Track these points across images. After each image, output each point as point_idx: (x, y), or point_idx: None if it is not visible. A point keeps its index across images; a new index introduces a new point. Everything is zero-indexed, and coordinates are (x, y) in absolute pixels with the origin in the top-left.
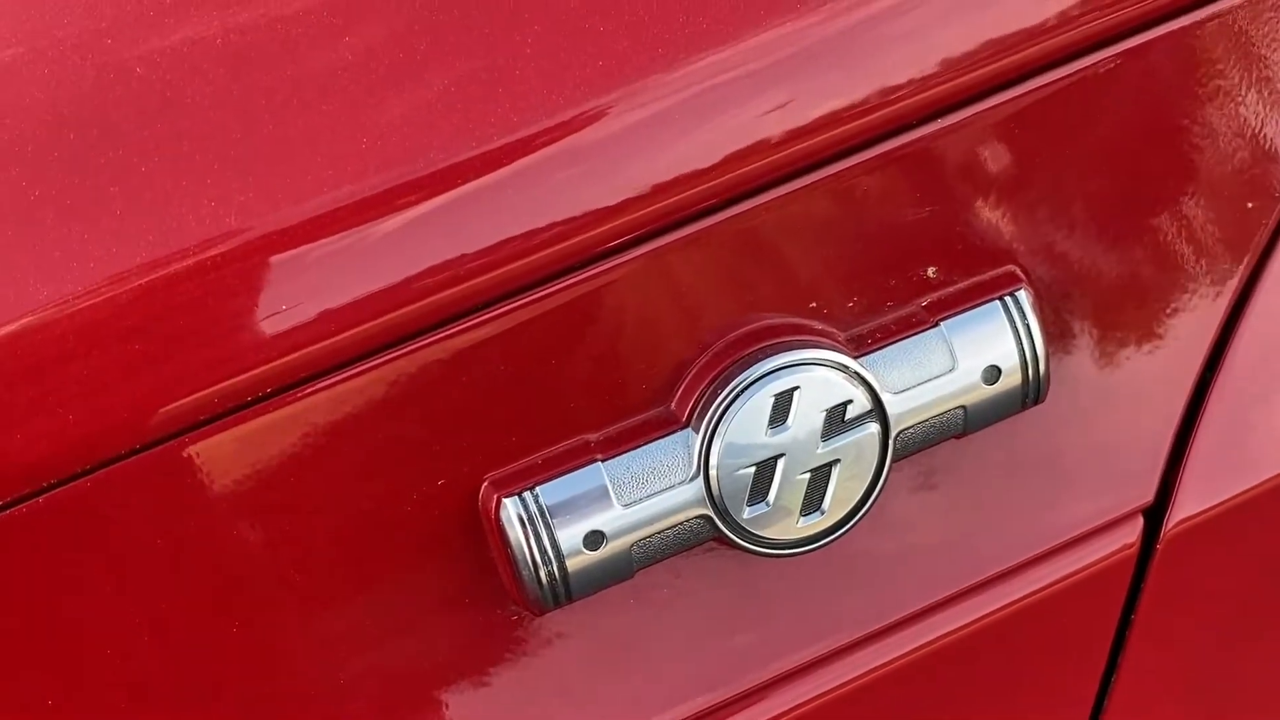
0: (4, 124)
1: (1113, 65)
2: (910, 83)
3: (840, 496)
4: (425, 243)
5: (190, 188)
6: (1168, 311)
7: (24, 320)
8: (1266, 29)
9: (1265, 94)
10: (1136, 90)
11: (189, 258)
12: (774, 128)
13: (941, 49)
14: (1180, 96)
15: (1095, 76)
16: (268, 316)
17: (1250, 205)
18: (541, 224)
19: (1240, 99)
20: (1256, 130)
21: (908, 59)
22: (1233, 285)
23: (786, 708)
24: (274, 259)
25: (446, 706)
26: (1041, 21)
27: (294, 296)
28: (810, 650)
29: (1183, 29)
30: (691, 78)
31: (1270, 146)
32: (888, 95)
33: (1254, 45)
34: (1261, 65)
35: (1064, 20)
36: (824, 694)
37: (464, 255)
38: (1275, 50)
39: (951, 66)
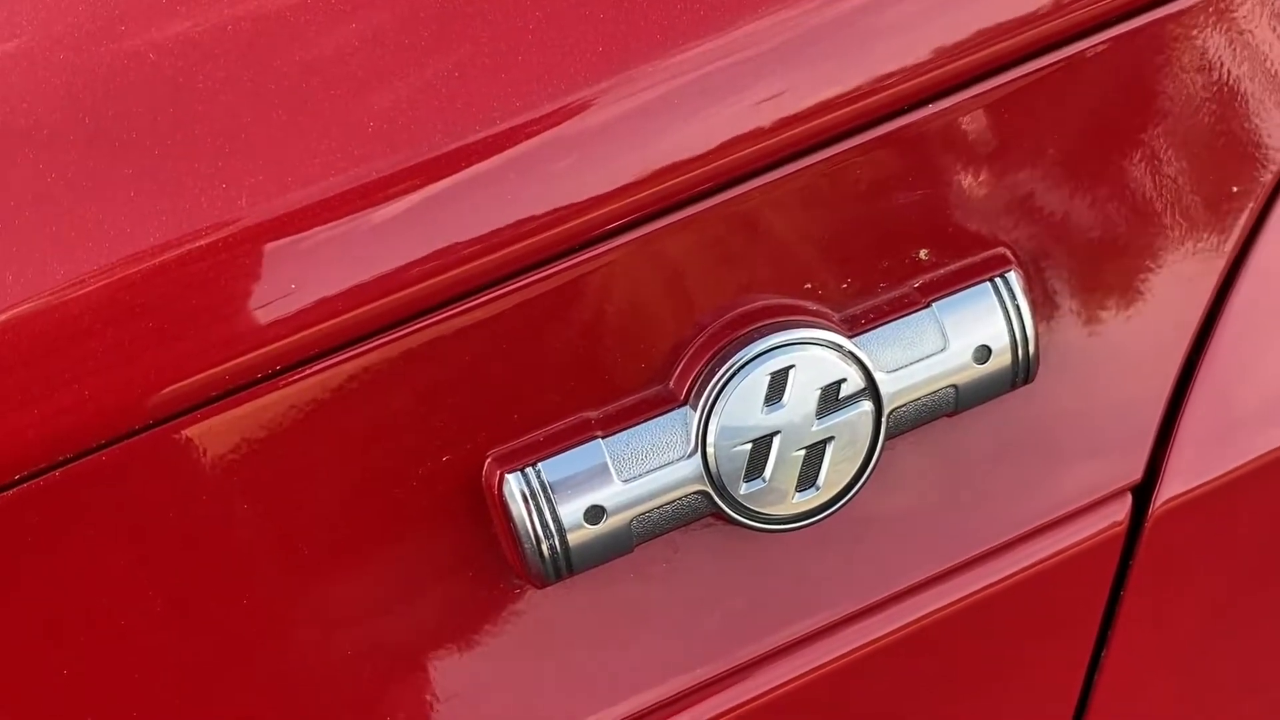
0: (23, 107)
1: (1100, 51)
2: (903, 69)
3: (834, 473)
4: (430, 225)
5: (202, 170)
6: (1155, 293)
7: (42, 298)
8: (1252, 15)
9: (1250, 81)
10: (1124, 77)
11: (201, 238)
12: (769, 114)
13: (935, 35)
14: (1166, 84)
15: (1083, 62)
16: (277, 296)
17: (1235, 189)
18: (544, 207)
19: (1225, 86)
20: (1241, 116)
21: (901, 46)
22: (1218, 268)
23: (780, 681)
24: (283, 240)
25: (449, 677)
26: (1032, 10)
27: (302, 276)
28: (804, 625)
29: (1169, 16)
30: (688, 64)
31: (1254, 132)
32: (881, 82)
33: (1240, 32)
34: (1247, 52)
35: (1055, 7)
36: (818, 668)
37: (468, 238)
38: (1260, 38)
39: (944, 53)
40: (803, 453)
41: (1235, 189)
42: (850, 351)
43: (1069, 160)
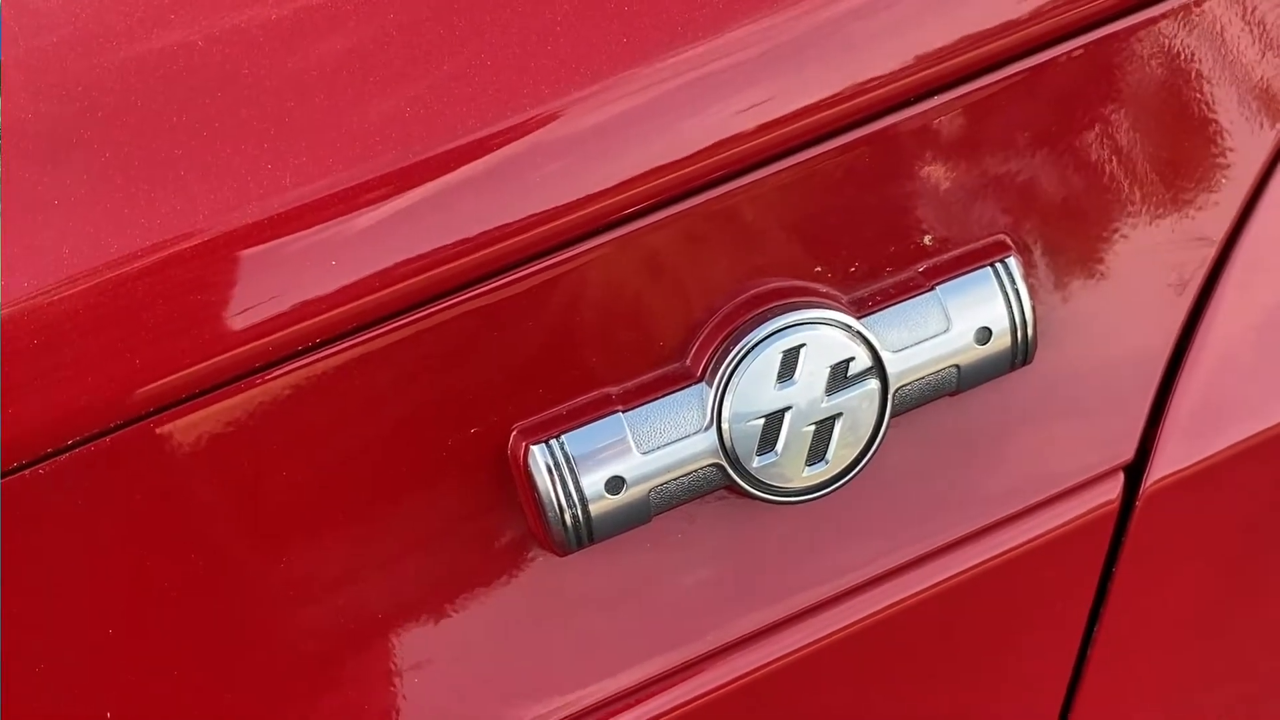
0: (79, 93)
1: (1090, 51)
2: (908, 65)
3: (842, 448)
4: (464, 208)
5: (249, 151)
6: (1147, 278)
7: (100, 271)
8: (1232, 19)
9: (1231, 75)
10: (1115, 74)
11: (248, 215)
12: (782, 105)
13: (939, 33)
14: (1156, 80)
15: (1074, 61)
16: (319, 272)
17: (1224, 180)
18: (569, 193)
19: (1210, 81)
20: (1226, 109)
21: (907, 43)
22: (1209, 254)
23: (788, 650)
24: (327, 220)
25: (473, 642)
26: (1027, 12)
27: (344, 254)
28: (810, 595)
29: (1155, 17)
30: (709, 56)
31: (1240, 123)
32: (886, 77)
33: (1221, 33)
34: (1227, 51)
35: (1042, 12)
36: (822, 638)
37: (500, 221)
38: (1240, 39)
39: (946, 50)
40: (813, 428)
41: (1224, 179)
42: (858, 331)
43: (1064, 152)
